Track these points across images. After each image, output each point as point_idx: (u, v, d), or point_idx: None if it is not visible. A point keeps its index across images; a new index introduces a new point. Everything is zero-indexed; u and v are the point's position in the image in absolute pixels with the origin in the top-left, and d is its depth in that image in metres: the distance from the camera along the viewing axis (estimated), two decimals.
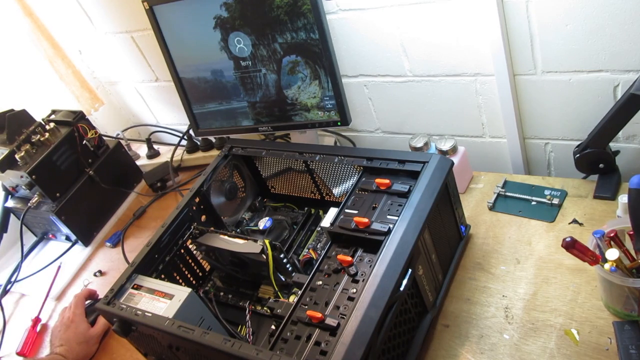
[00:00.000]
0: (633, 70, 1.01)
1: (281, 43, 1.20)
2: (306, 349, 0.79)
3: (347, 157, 1.04)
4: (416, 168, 0.96)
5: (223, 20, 1.23)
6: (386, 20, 1.18)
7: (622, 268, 0.80)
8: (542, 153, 1.26)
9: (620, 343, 0.81)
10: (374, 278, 0.82)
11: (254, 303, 1.09)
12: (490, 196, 1.15)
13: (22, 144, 1.42)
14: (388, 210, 0.93)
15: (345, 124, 1.25)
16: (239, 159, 1.25)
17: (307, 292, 0.88)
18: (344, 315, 0.81)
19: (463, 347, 0.91)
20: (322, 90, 1.23)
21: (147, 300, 0.95)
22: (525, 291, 0.95)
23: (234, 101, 1.36)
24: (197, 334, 0.84)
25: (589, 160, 1.07)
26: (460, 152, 1.17)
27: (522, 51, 1.09)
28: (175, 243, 1.11)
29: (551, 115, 1.17)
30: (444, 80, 1.23)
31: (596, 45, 1.01)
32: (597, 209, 1.04)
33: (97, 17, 1.67)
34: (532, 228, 1.06)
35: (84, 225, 1.52)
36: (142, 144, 1.82)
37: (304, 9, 1.13)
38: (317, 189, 1.23)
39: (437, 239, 0.95)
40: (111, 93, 1.94)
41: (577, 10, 0.98)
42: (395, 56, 1.24)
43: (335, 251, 0.93)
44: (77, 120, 1.48)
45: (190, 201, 1.14)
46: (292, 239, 1.16)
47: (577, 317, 0.88)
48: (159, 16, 1.30)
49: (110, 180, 1.56)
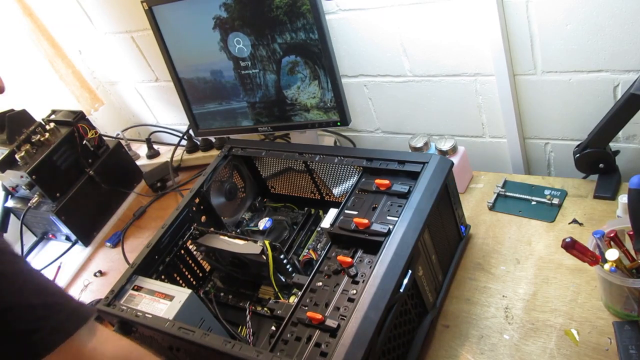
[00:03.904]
0: (633, 70, 1.01)
1: (280, 43, 1.20)
2: (306, 350, 0.79)
3: (347, 158, 1.04)
4: (416, 169, 0.96)
5: (222, 21, 1.23)
6: (386, 20, 1.18)
7: (622, 268, 0.80)
8: (542, 153, 1.26)
9: (620, 343, 0.81)
10: (374, 279, 0.82)
11: (254, 304, 1.09)
12: (490, 196, 1.15)
13: (22, 144, 1.42)
14: (388, 211, 0.93)
15: (345, 124, 1.25)
16: (239, 159, 1.25)
17: (307, 293, 0.88)
18: (344, 317, 0.81)
19: (463, 348, 0.91)
20: (321, 90, 1.23)
21: (148, 301, 0.96)
22: (525, 291, 0.96)
23: (233, 101, 1.36)
24: (198, 335, 0.84)
25: (589, 160, 1.06)
26: (460, 152, 1.17)
27: (522, 51, 1.09)
28: (175, 244, 1.11)
29: (551, 115, 1.17)
30: (444, 80, 1.23)
31: (596, 45, 1.01)
32: (597, 209, 1.04)
33: (97, 17, 1.67)
34: (532, 228, 1.06)
35: (84, 225, 1.52)
36: (142, 144, 1.82)
37: (303, 9, 1.13)
38: (317, 189, 1.23)
39: (437, 240, 0.95)
40: (111, 93, 1.94)
41: (577, 10, 0.98)
42: (395, 56, 1.24)
43: (335, 252, 0.93)
44: (77, 120, 1.48)
45: (190, 202, 1.14)
46: (292, 239, 1.16)
47: (577, 317, 0.88)
48: (158, 17, 1.30)
49: (110, 181, 1.56)
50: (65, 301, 0.63)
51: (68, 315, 0.62)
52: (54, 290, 0.63)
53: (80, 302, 0.65)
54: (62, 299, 0.63)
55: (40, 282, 0.62)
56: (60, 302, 0.62)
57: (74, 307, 0.63)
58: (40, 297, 0.60)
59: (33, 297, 0.60)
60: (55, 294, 0.63)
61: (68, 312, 0.62)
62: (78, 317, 0.63)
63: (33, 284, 0.61)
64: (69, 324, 0.61)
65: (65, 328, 0.61)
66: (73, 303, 0.64)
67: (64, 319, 0.61)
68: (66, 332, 0.61)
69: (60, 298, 0.63)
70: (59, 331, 0.60)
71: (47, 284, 0.63)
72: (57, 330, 0.60)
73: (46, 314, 0.60)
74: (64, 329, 0.61)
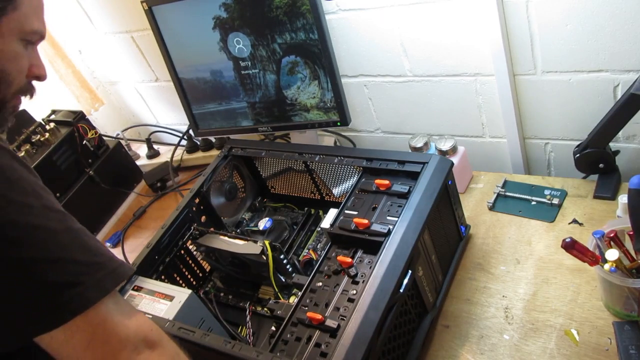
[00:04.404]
0: (633, 70, 1.01)
1: (280, 43, 1.20)
2: (306, 351, 0.80)
3: (347, 158, 1.04)
4: (416, 169, 0.96)
5: (222, 21, 1.23)
6: (386, 20, 1.18)
7: (621, 268, 0.80)
8: (542, 153, 1.26)
9: (620, 343, 0.81)
10: (374, 279, 0.82)
11: (254, 304, 1.09)
12: (490, 196, 1.15)
13: (22, 144, 1.42)
14: (388, 211, 0.93)
15: (345, 124, 1.25)
16: (239, 160, 1.25)
17: (307, 294, 0.88)
18: (344, 317, 0.81)
19: (463, 348, 0.91)
20: (321, 90, 1.23)
21: (148, 301, 0.96)
22: (525, 291, 0.96)
23: (233, 101, 1.36)
24: (198, 335, 0.84)
25: (589, 160, 1.06)
26: (460, 152, 1.17)
27: (522, 51, 1.09)
28: (176, 244, 1.11)
29: (551, 115, 1.17)
30: (444, 80, 1.23)
31: (596, 45, 1.01)
32: (597, 209, 1.04)
33: (97, 17, 1.67)
34: (532, 228, 1.06)
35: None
36: (142, 144, 1.82)
37: (303, 9, 1.12)
38: (317, 189, 1.23)
39: (437, 240, 0.95)
40: (111, 93, 1.94)
41: (577, 10, 0.98)
42: (395, 56, 1.24)
43: (335, 252, 0.93)
44: (77, 120, 1.48)
45: (190, 202, 1.14)
46: (292, 239, 1.16)
47: (577, 317, 0.89)
48: (158, 17, 1.30)
49: (110, 181, 1.56)
50: (108, 261, 0.65)
51: (108, 274, 0.64)
52: (100, 251, 0.65)
53: (121, 262, 0.66)
54: (106, 259, 0.65)
55: (87, 241, 0.64)
56: (103, 262, 0.64)
57: (114, 267, 0.65)
58: (85, 255, 0.62)
59: (79, 254, 0.62)
60: (100, 255, 0.64)
61: (108, 271, 0.64)
62: (117, 276, 0.65)
63: (80, 241, 0.63)
64: (107, 283, 0.63)
65: (103, 286, 0.63)
66: (115, 263, 0.65)
67: (104, 277, 0.63)
68: (104, 290, 0.62)
69: (104, 258, 0.65)
70: (97, 288, 0.62)
71: (94, 244, 0.65)
72: (96, 287, 0.62)
73: (88, 270, 0.62)
74: (102, 287, 0.62)
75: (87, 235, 0.65)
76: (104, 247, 0.66)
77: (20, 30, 0.66)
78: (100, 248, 0.65)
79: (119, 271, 0.65)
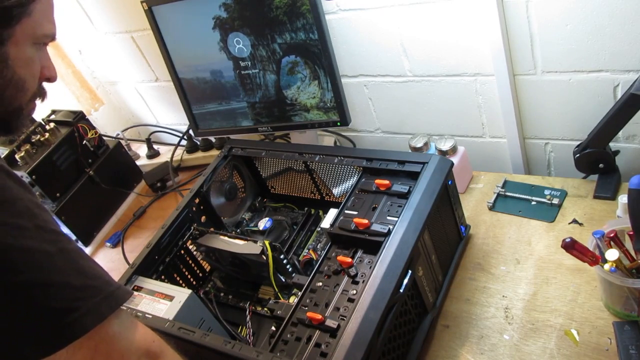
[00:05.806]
0: (633, 70, 1.01)
1: (280, 43, 1.20)
2: (306, 351, 0.80)
3: (347, 158, 1.04)
4: (416, 169, 0.96)
5: (222, 21, 1.23)
6: (386, 20, 1.18)
7: (621, 268, 0.80)
8: (542, 153, 1.26)
9: (620, 343, 0.81)
10: (374, 279, 0.82)
11: (254, 304, 1.09)
12: (490, 196, 1.15)
13: (22, 144, 1.42)
14: (388, 211, 0.93)
15: (345, 124, 1.25)
16: (239, 160, 1.25)
17: (307, 294, 0.88)
18: (344, 317, 0.81)
19: (463, 348, 0.91)
20: (321, 90, 1.23)
21: (148, 301, 0.96)
22: (525, 291, 0.96)
23: (233, 101, 1.36)
24: (198, 335, 0.84)
25: (589, 160, 1.06)
26: (460, 152, 1.17)
27: (522, 51, 1.09)
28: (175, 244, 1.11)
29: (551, 115, 1.17)
30: (444, 80, 1.23)
31: (596, 45, 1.01)
32: (597, 209, 1.04)
33: (97, 17, 1.67)
34: (532, 228, 1.06)
35: (84, 225, 1.52)
36: (142, 144, 1.82)
37: (303, 9, 1.12)
38: (317, 189, 1.23)
39: (437, 240, 0.95)
40: (111, 93, 1.94)
41: (577, 10, 0.98)
42: (395, 56, 1.24)
43: (335, 252, 0.93)
44: (77, 120, 1.48)
45: (190, 202, 1.14)
46: (292, 239, 1.16)
47: (577, 317, 0.89)
48: (158, 17, 1.30)
49: (110, 181, 1.56)
50: (104, 284, 0.63)
51: (104, 299, 0.62)
52: (95, 274, 0.63)
53: (118, 285, 0.65)
54: (102, 282, 0.63)
55: (81, 263, 0.62)
56: (98, 285, 0.62)
57: (110, 291, 0.63)
58: (80, 279, 0.61)
59: (73, 278, 0.60)
60: (95, 278, 0.63)
61: (104, 296, 0.62)
62: (114, 301, 0.63)
63: (74, 264, 0.61)
64: (103, 308, 0.62)
65: (100, 311, 0.61)
66: (111, 286, 0.64)
67: (100, 302, 0.61)
68: (100, 316, 0.61)
69: (100, 281, 0.63)
70: (93, 314, 0.60)
71: (88, 266, 0.63)
72: (92, 313, 0.60)
73: (84, 295, 0.60)
74: (98, 312, 0.61)
75: (82, 256, 0.63)
76: (99, 268, 0.65)
77: (33, 35, 0.66)
78: (96, 270, 0.64)
79: (115, 295, 0.63)
